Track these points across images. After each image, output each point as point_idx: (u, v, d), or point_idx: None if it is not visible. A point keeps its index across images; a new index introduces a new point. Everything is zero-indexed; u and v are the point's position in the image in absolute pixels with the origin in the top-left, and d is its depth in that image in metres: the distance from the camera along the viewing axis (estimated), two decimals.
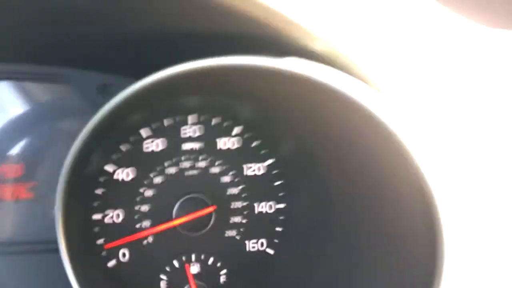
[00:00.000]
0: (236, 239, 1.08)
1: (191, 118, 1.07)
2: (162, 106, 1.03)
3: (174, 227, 1.02)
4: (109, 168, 1.03)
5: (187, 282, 1.04)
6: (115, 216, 1.03)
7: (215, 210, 1.04)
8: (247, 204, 1.09)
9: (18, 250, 1.05)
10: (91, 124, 0.86)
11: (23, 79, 1.09)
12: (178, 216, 1.02)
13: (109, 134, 0.98)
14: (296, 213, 1.09)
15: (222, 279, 1.07)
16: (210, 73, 0.73)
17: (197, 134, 1.08)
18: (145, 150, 1.05)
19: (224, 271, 1.08)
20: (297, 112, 0.93)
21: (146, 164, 1.05)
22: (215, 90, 0.95)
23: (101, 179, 1.03)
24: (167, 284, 1.05)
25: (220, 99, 1.05)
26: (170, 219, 1.03)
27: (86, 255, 0.98)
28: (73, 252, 0.90)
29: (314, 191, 1.07)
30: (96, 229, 1.03)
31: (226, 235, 1.08)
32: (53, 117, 1.10)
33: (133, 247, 1.04)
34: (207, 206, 1.03)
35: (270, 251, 1.09)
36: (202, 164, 1.07)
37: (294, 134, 1.04)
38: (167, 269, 1.05)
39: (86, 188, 1.01)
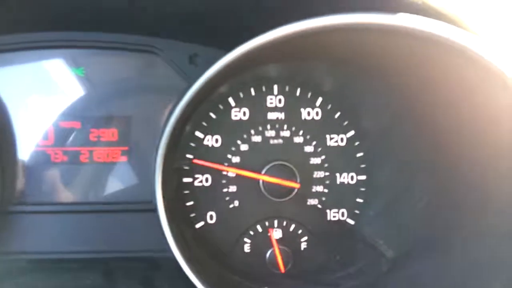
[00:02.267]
0: (318, 207, 1.11)
1: (275, 88, 1.11)
2: (249, 76, 1.06)
3: (261, 193, 1.07)
4: (199, 134, 1.09)
5: (269, 246, 1.09)
6: (204, 180, 1.09)
7: (299, 177, 1.07)
8: (329, 174, 1.11)
9: (112, 209, 1.12)
10: (190, 93, 0.90)
11: (116, 49, 1.15)
12: (265, 182, 1.06)
13: (202, 103, 1.03)
14: (377, 185, 1.10)
15: (303, 246, 1.11)
16: (315, 35, 0.74)
17: (282, 104, 1.11)
18: (233, 118, 1.09)
19: (305, 238, 1.11)
20: (396, 76, 0.91)
21: (233, 131, 1.09)
22: (307, 56, 0.95)
23: (192, 144, 1.09)
24: (250, 247, 1.10)
25: (305, 69, 1.06)
26: (256, 185, 1.08)
27: (179, 215, 1.04)
28: (169, 212, 0.96)
29: (396, 164, 1.07)
30: (186, 192, 1.09)
31: (308, 203, 1.11)
32: (144, 86, 1.16)
33: (220, 209, 1.10)
34: (293, 173, 1.06)
35: (351, 221, 1.12)
36: (286, 133, 1.10)
37: (379, 100, 1.04)
38: (251, 232, 1.10)
39: (179, 153, 1.07)
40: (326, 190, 1.11)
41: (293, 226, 1.11)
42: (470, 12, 0.76)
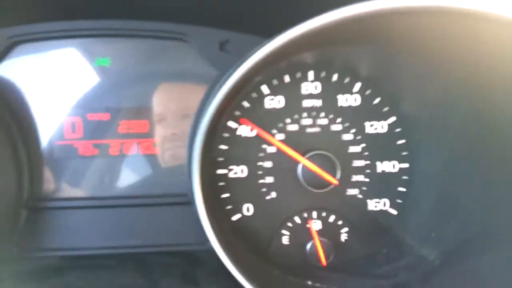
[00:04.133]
0: (358, 197, 1.07)
1: (311, 75, 1.06)
2: (284, 63, 1.02)
3: (298, 184, 1.03)
4: (233, 124, 1.05)
5: (309, 238, 1.05)
6: (239, 171, 1.05)
7: (339, 165, 1.03)
8: (369, 163, 1.06)
9: (146, 203, 1.10)
10: (228, 85, 0.86)
11: (143, 37, 1.11)
12: (303, 172, 1.02)
13: (239, 92, 0.99)
14: (421, 173, 1.05)
15: (344, 237, 1.07)
16: (365, 20, 0.69)
17: (318, 90, 1.06)
18: (266, 106, 1.05)
19: (346, 229, 1.07)
20: (442, 56, 0.86)
21: (268, 120, 1.05)
22: (351, 41, 0.90)
23: (226, 135, 1.05)
24: (289, 239, 1.07)
25: (343, 53, 1.01)
26: (293, 175, 1.04)
27: (215, 208, 1.01)
28: (207, 204, 0.93)
29: (442, 150, 1.02)
30: (221, 184, 1.06)
31: (348, 193, 1.06)
32: (174, 74, 1.12)
33: (257, 201, 1.06)
34: (332, 162, 1.02)
35: (393, 212, 1.07)
36: (323, 121, 1.06)
37: (422, 85, 0.99)
38: (289, 224, 1.07)
39: (212, 144, 1.03)
40: (366, 179, 1.06)
41: (332, 217, 1.07)
42: None
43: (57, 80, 1.09)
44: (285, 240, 1.07)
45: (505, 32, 0.69)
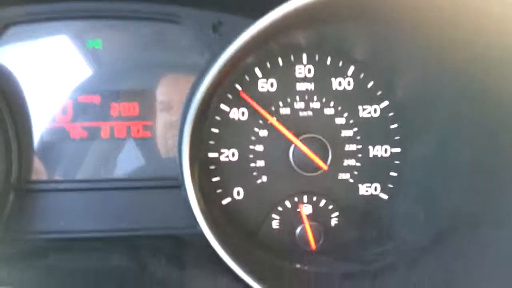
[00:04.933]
0: (350, 182, 1.06)
1: (305, 57, 1.04)
2: (277, 44, 1.00)
3: (290, 168, 1.02)
4: (225, 107, 1.04)
5: (299, 222, 1.05)
6: (230, 154, 1.05)
7: (331, 150, 1.02)
8: (362, 147, 1.06)
9: (136, 186, 1.08)
10: (217, 67, 0.85)
11: (135, 18, 1.09)
12: (294, 156, 1.02)
13: (229, 75, 0.97)
14: (413, 158, 1.05)
15: (334, 221, 1.07)
16: None
17: (311, 74, 1.05)
18: (260, 89, 1.04)
19: (336, 213, 1.07)
20: (436, 36, 0.85)
21: (261, 104, 1.03)
22: (340, 18, 0.89)
23: (218, 118, 1.04)
24: (279, 223, 1.07)
25: (336, 35, 1.00)
26: (285, 159, 1.03)
27: (205, 191, 1.00)
28: (196, 188, 0.92)
29: (434, 135, 1.01)
30: (212, 167, 1.05)
31: (339, 177, 1.06)
32: (166, 56, 1.10)
33: (247, 185, 1.05)
34: (324, 146, 1.01)
35: (384, 196, 1.07)
36: (316, 105, 1.05)
37: (417, 67, 0.98)
38: (279, 208, 1.06)
39: (204, 127, 1.02)
40: (358, 164, 1.06)
41: (323, 201, 1.06)
42: None
43: (48, 63, 1.07)
44: (275, 224, 1.07)
45: (499, 11, 0.68)
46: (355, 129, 1.05)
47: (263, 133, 1.04)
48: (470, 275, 0.81)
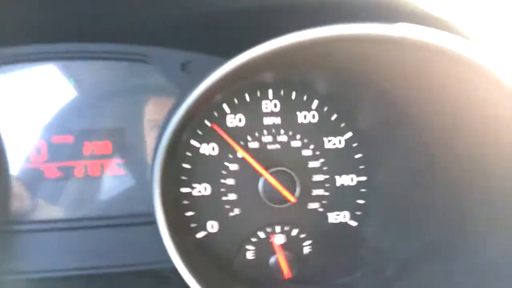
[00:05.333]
0: (319, 211, 1.10)
1: (271, 93, 1.09)
2: (243, 82, 1.05)
3: (260, 200, 1.06)
4: (195, 143, 1.07)
5: (272, 252, 1.08)
6: (202, 189, 1.08)
7: (299, 183, 1.06)
8: (329, 177, 1.10)
9: (112, 224, 1.10)
10: (186, 105, 0.88)
11: (106, 59, 1.13)
12: (264, 189, 1.05)
13: (197, 111, 1.01)
14: (378, 185, 1.09)
15: (306, 250, 1.10)
16: (314, 44, 0.73)
17: (277, 108, 1.09)
18: (228, 125, 1.08)
19: (308, 242, 1.10)
20: (390, 80, 0.91)
21: (230, 138, 1.07)
22: (305, 65, 0.95)
23: (189, 154, 1.07)
24: (253, 254, 1.09)
25: (300, 73, 1.05)
26: (255, 192, 1.07)
27: (179, 226, 1.02)
28: (169, 223, 0.94)
29: (396, 164, 1.06)
30: (185, 202, 1.08)
31: (309, 207, 1.10)
32: (137, 95, 1.13)
33: (221, 218, 1.08)
34: (292, 179, 1.05)
35: (353, 223, 1.11)
36: (283, 138, 1.09)
37: (377, 105, 1.03)
38: (253, 240, 1.09)
39: (175, 163, 1.05)
40: (326, 193, 1.10)
41: (295, 230, 1.10)
42: (466, 18, 0.75)
43: (21, 103, 1.09)
44: (249, 255, 1.09)
45: (445, 63, 0.73)
46: (322, 160, 1.10)
47: (234, 167, 1.08)
48: None
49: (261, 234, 1.09)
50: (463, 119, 0.81)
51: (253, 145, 1.08)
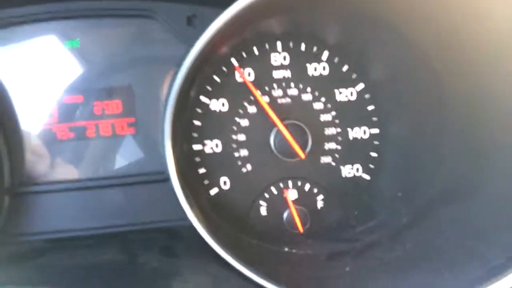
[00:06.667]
0: (332, 165, 1.09)
1: (280, 45, 1.06)
2: (251, 33, 1.02)
3: (272, 154, 1.05)
4: (205, 99, 1.06)
5: (286, 207, 1.08)
6: (214, 146, 1.07)
7: (311, 136, 1.04)
8: (341, 130, 1.08)
9: (125, 182, 1.10)
10: (190, 57, 0.87)
11: (111, 16, 1.10)
12: (275, 143, 1.04)
13: (205, 66, 0.99)
14: (391, 137, 1.07)
15: (319, 204, 1.10)
16: None
17: (287, 61, 1.07)
18: (237, 80, 1.06)
19: (321, 196, 1.10)
20: (404, 23, 0.87)
21: (239, 94, 1.06)
22: (311, 6, 0.91)
23: (199, 110, 1.06)
24: (266, 209, 1.10)
25: (309, 21, 1.02)
26: (267, 147, 1.06)
27: (192, 183, 1.03)
28: (182, 180, 0.95)
29: (409, 114, 1.04)
30: (198, 159, 1.07)
31: (321, 161, 1.09)
32: (143, 52, 1.11)
33: (233, 175, 1.08)
34: (304, 132, 1.03)
35: (366, 177, 1.10)
36: (293, 91, 1.07)
37: (389, 48, 0.99)
38: (266, 195, 1.09)
39: (186, 120, 1.04)
40: (339, 147, 1.09)
41: (308, 185, 1.09)
42: None
43: (30, 65, 1.08)
44: (263, 210, 1.10)
45: None
46: (333, 113, 1.08)
47: (244, 122, 1.07)
48: (447, 249, 0.84)
49: (274, 190, 1.09)
50: (484, 57, 0.78)
51: (263, 99, 1.06)
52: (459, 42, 0.81)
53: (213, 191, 1.09)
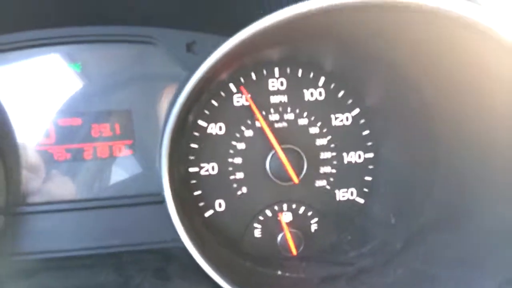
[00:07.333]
0: (326, 188, 1.10)
1: (277, 71, 1.09)
2: (250, 60, 1.05)
3: (267, 178, 1.06)
4: (202, 123, 1.07)
5: (280, 230, 1.09)
6: (210, 168, 1.08)
7: (306, 160, 1.06)
8: (336, 154, 1.10)
9: (121, 204, 1.11)
10: (191, 83, 0.89)
11: (112, 41, 1.13)
12: (271, 166, 1.05)
13: (204, 92, 1.01)
14: (385, 162, 1.09)
15: (313, 227, 1.11)
16: (316, 16, 0.72)
17: (284, 86, 1.09)
18: (235, 104, 1.08)
19: (315, 219, 1.11)
20: (398, 55, 0.90)
21: (237, 118, 1.08)
22: (309, 38, 0.94)
23: (196, 134, 1.07)
24: (261, 232, 1.10)
25: (306, 49, 1.04)
26: (262, 170, 1.07)
27: (187, 205, 1.04)
28: (177, 202, 0.96)
29: (403, 139, 1.06)
30: (193, 181, 1.08)
31: (316, 185, 1.10)
32: (143, 77, 1.14)
33: (228, 197, 1.09)
34: (300, 156, 1.05)
35: (360, 200, 1.11)
36: (290, 116, 1.09)
37: (384, 78, 1.02)
38: (260, 218, 1.10)
39: (183, 143, 1.06)
40: (334, 171, 1.10)
41: (302, 208, 1.10)
42: None
43: (30, 87, 1.10)
44: (257, 233, 1.10)
45: (451, 29, 0.72)
46: (329, 137, 1.09)
47: (241, 146, 1.08)
48: (438, 276, 0.84)
49: (269, 212, 1.10)
50: (468, 89, 0.80)
51: (259, 123, 1.08)
52: (448, 76, 0.84)
53: (208, 213, 1.09)
